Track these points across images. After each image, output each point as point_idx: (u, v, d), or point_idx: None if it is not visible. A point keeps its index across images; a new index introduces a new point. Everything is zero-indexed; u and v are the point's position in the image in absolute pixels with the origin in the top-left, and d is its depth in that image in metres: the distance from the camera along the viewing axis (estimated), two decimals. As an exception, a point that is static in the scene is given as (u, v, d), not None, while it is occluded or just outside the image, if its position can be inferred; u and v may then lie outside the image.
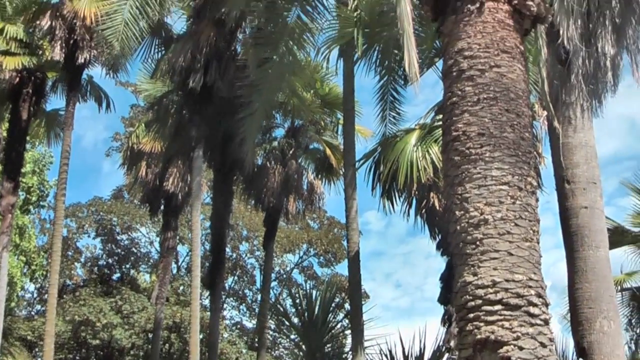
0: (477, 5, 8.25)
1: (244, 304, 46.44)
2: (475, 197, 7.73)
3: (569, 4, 12.04)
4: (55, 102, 42.37)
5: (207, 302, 34.12)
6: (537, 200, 7.97)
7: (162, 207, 30.59)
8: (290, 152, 27.18)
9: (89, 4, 22.72)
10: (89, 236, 42.78)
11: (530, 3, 8.35)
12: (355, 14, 17.00)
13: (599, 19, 12.48)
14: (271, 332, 29.21)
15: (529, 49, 11.71)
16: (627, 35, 12.96)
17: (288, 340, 30.61)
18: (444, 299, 11.64)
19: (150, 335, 34.29)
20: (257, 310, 41.12)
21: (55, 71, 25.34)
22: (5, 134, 25.39)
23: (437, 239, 17.23)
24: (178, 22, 28.45)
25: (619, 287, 22.24)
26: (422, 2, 8.97)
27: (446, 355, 17.66)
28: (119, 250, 43.04)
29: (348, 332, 20.61)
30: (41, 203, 36.76)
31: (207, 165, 25.86)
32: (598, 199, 13.34)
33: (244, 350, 39.58)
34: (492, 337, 7.21)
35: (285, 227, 42.54)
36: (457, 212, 7.84)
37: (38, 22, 23.89)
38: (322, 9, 12.86)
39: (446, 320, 11.32)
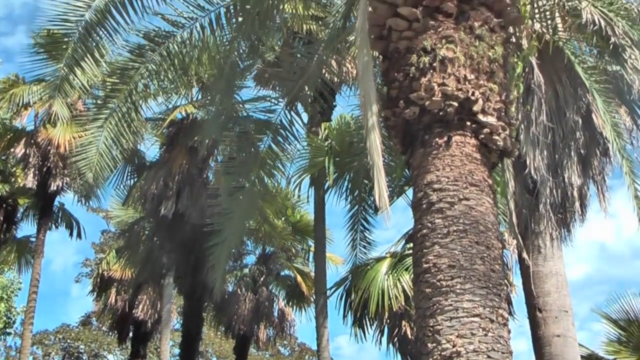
0: (445, 139, 8.40)
1: None
2: (447, 330, 7.67)
3: (534, 135, 12.36)
4: (26, 227, 42.06)
5: None
6: (509, 332, 7.93)
7: (131, 334, 30.11)
8: (261, 279, 27.10)
9: (63, 131, 22.93)
10: (55, 364, 41.71)
11: (497, 138, 8.52)
12: (326, 143, 17.32)
13: (565, 150, 12.80)
14: None
15: (497, 181, 11.90)
16: (593, 166, 13.28)
17: None
18: None
19: None
20: None
21: (27, 198, 25.32)
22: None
23: (410, 367, 17.04)
24: (151, 149, 28.76)
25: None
26: (391, 135, 9.14)
27: None
28: (86, 379, 41.96)
29: None
30: (7, 330, 35.97)
31: (178, 291, 25.64)
32: (570, 327, 13.33)
33: None
34: None
35: (256, 354, 41.83)
36: (429, 345, 7.76)
37: (12, 150, 24.02)
38: (292, 140, 13.04)
39: None
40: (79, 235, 26.83)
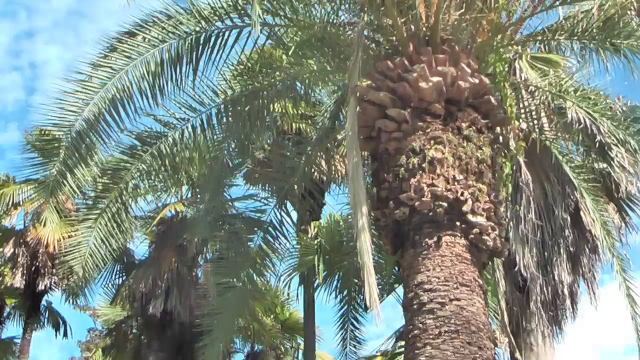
0: (435, 239, 8.44)
1: None
2: None
3: (524, 233, 12.40)
4: (11, 327, 41.47)
5: None
6: None
7: None
8: (251, 378, 26.62)
9: (52, 231, 22.84)
10: None
11: (487, 238, 8.56)
12: (315, 242, 17.32)
13: (554, 247, 12.84)
14: None
15: (488, 280, 11.89)
16: (582, 263, 13.29)
17: None
18: None
19: None
20: None
21: (14, 297, 25.07)
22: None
23: None
24: (140, 247, 28.63)
25: None
26: (381, 235, 9.17)
27: None
28: None
29: None
30: None
31: (165, 391, 25.10)
32: None
33: None
34: None
35: None
36: None
37: (1, 250, 23.91)
38: (282, 239, 13.03)
39: None
40: (65, 334, 26.45)
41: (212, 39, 10.54)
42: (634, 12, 10.60)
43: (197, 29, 10.45)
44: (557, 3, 10.22)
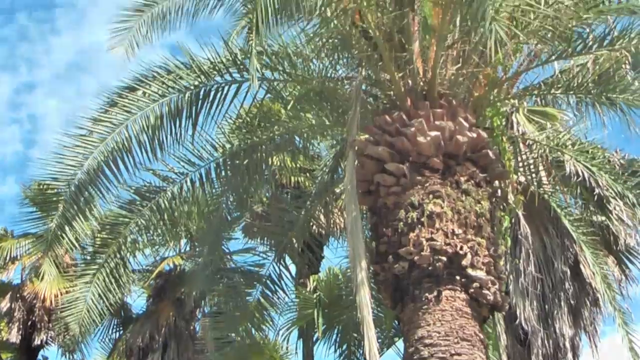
0: (435, 293, 8.40)
1: None
2: None
3: (524, 285, 12.35)
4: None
5: None
6: None
7: None
8: None
9: (50, 285, 22.71)
10: None
11: (487, 292, 8.52)
12: (314, 295, 17.23)
13: (555, 300, 12.76)
14: None
15: (489, 334, 11.81)
16: (583, 316, 13.20)
17: None
18: None
19: None
20: None
21: (10, 352, 24.81)
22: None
23: None
24: (138, 301, 28.44)
25: None
26: (380, 289, 9.13)
27: None
28: None
29: None
30: None
31: None
32: None
33: None
34: None
35: None
36: None
37: (-3, 304, 23.75)
38: (281, 294, 12.99)
39: None
40: (60, 392, 26.10)
41: (212, 93, 10.59)
42: (629, 66, 10.70)
43: (197, 83, 10.51)
44: (553, 58, 10.31)
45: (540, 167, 11.53)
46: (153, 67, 10.61)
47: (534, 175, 11.45)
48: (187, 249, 22.67)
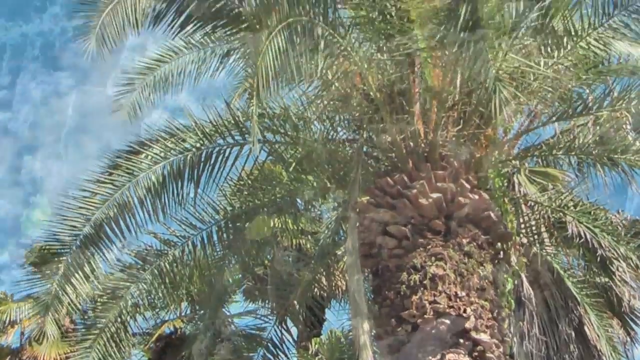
0: (439, 357, 8.29)
1: None
2: None
3: (528, 348, 12.22)
4: None
5: None
6: None
7: None
8: None
9: (49, 349, 22.50)
10: None
11: (491, 355, 8.39)
12: (316, 358, 17.06)
13: (560, 362, 12.62)
14: None
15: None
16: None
17: None
18: None
19: None
20: None
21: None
22: None
23: None
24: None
25: None
26: (383, 354, 9.02)
27: None
28: None
29: None
30: None
31: None
32: None
33: None
34: None
35: None
36: None
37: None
38: (283, 357, 12.88)
39: None
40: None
41: (214, 155, 10.62)
42: (630, 126, 10.74)
43: (199, 145, 10.54)
44: (554, 119, 10.36)
45: (543, 229, 11.50)
46: (156, 130, 10.67)
47: (536, 236, 11.41)
48: (188, 311, 22.51)
